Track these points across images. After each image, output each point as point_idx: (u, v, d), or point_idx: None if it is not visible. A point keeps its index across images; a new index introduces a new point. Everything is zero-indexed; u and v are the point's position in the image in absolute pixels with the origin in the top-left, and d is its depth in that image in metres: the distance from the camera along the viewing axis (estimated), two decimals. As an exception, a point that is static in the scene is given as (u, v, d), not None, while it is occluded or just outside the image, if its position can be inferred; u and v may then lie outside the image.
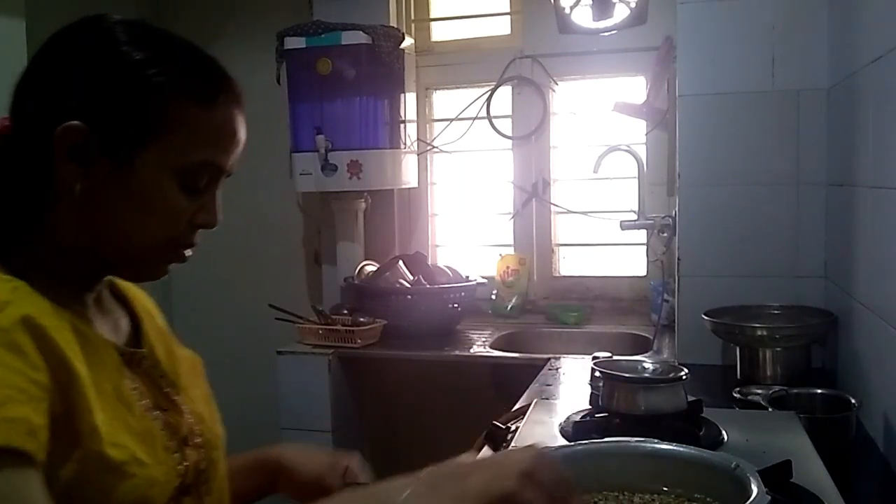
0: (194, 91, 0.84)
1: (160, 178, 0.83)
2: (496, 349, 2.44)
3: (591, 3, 2.43)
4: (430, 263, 2.83)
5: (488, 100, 2.90)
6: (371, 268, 2.76)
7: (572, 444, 1.06)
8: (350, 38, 2.62)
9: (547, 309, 2.82)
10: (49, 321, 0.75)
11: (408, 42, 2.82)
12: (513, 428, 1.47)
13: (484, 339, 2.53)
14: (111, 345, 0.86)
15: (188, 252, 0.89)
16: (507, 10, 2.95)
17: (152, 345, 0.95)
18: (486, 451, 1.44)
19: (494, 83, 2.89)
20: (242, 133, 0.88)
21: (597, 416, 1.38)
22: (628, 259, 2.86)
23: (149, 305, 1.01)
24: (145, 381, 0.89)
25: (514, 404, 1.68)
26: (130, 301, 0.97)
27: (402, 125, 2.81)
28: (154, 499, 0.80)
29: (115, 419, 0.79)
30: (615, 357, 1.62)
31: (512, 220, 2.95)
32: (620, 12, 2.41)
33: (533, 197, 2.91)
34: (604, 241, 2.87)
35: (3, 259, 0.82)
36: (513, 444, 1.28)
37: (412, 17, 3.01)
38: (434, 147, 3.02)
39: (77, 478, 0.73)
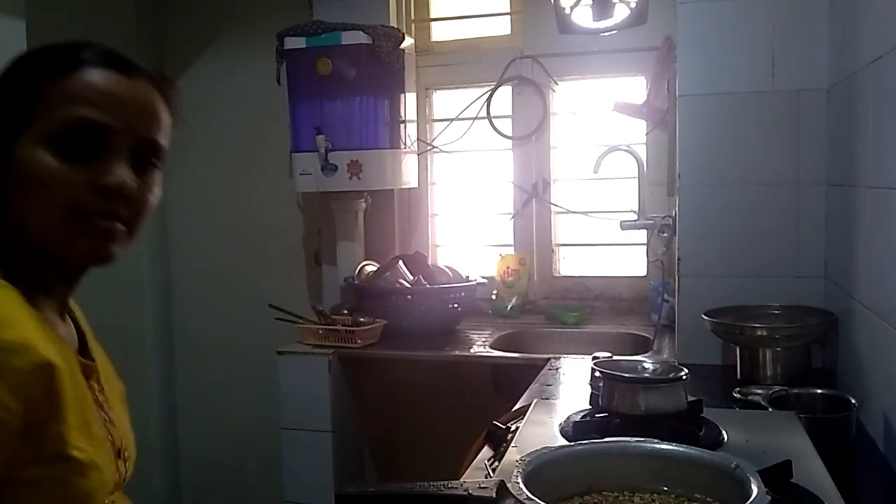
0: (47, 68, 0.85)
1: (32, 152, 0.83)
2: (496, 349, 2.44)
3: (591, 3, 2.43)
4: (430, 263, 2.83)
5: (488, 100, 2.90)
6: (371, 268, 2.76)
7: (572, 444, 1.06)
8: (350, 38, 2.62)
9: (547, 309, 2.82)
10: (54, 353, 0.78)
11: (408, 42, 2.82)
12: (513, 428, 1.47)
13: (484, 339, 2.53)
14: (74, 354, 0.89)
15: (112, 223, 0.86)
16: (507, 10, 2.95)
17: (96, 359, 0.97)
18: (486, 452, 1.44)
19: (494, 83, 2.89)
20: (121, 90, 0.86)
21: (597, 416, 1.38)
22: (628, 259, 2.86)
23: (85, 322, 1.02)
24: (93, 392, 0.92)
25: (514, 404, 1.68)
26: (74, 314, 0.99)
27: (402, 125, 2.81)
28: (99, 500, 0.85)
29: (82, 424, 0.82)
30: (615, 357, 1.62)
31: (512, 220, 2.95)
32: (620, 12, 2.41)
33: (533, 197, 2.91)
34: (604, 241, 2.87)
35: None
36: (513, 443, 1.28)
37: (412, 17, 3.01)
38: (434, 147, 3.02)
39: (41, 477, 0.77)
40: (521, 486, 0.82)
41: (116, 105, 0.85)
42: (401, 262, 2.70)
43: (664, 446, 0.94)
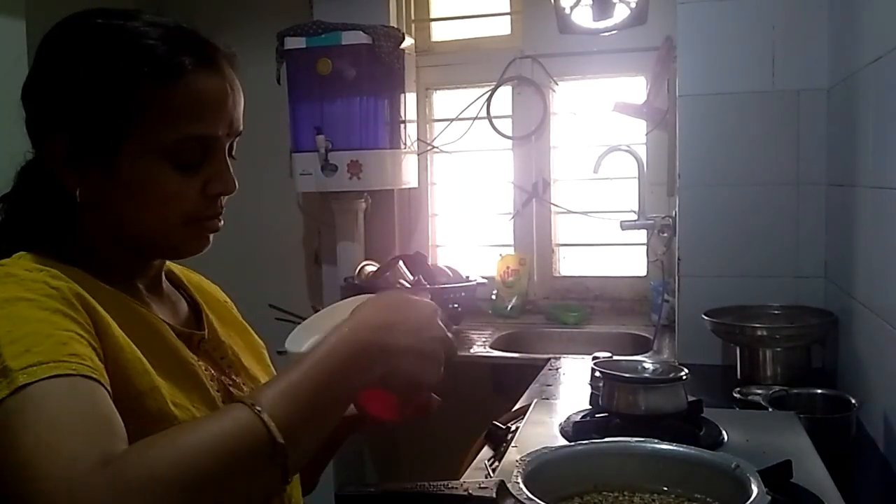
0: (149, 72, 0.82)
1: (148, 165, 0.83)
2: (496, 349, 2.44)
3: (591, 3, 2.43)
4: (430, 263, 2.83)
5: (488, 100, 2.90)
6: (371, 268, 2.76)
7: (572, 444, 1.06)
8: (350, 38, 2.62)
9: (547, 309, 2.82)
10: (101, 298, 0.80)
11: (408, 42, 2.82)
12: (513, 428, 1.47)
13: (484, 339, 2.53)
14: (166, 324, 0.89)
15: (217, 222, 0.90)
16: (507, 10, 2.95)
17: (215, 328, 0.99)
18: (486, 452, 1.44)
19: (494, 83, 2.89)
20: (222, 94, 0.86)
21: (597, 416, 1.38)
22: (628, 259, 2.86)
23: (217, 294, 1.08)
24: (206, 361, 0.93)
25: (514, 404, 1.68)
26: (187, 288, 1.02)
27: (402, 125, 2.81)
28: None
29: (178, 388, 0.83)
30: (615, 357, 1.62)
31: (512, 220, 2.95)
32: (620, 12, 2.41)
33: (533, 197, 2.91)
34: (604, 241, 2.87)
35: (59, 253, 0.85)
36: (513, 443, 1.28)
37: (412, 17, 3.01)
38: (434, 147, 3.02)
39: (135, 433, 0.75)
40: (521, 486, 0.82)
41: (222, 114, 0.87)
42: (401, 262, 2.70)
43: (664, 446, 0.94)
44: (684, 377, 1.30)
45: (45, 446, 0.62)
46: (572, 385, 1.92)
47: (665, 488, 0.91)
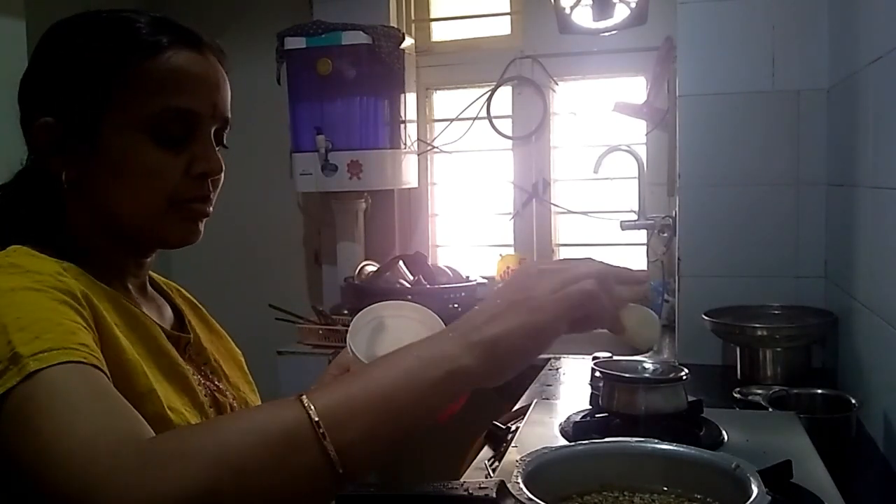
0: (130, 47, 0.83)
1: (130, 140, 0.83)
2: (496, 349, 2.43)
3: (591, 3, 2.43)
4: (430, 263, 2.83)
5: (488, 100, 2.90)
6: (371, 268, 2.76)
7: (572, 444, 1.06)
8: (350, 38, 2.62)
9: (547, 309, 2.81)
10: (97, 295, 0.79)
11: (408, 42, 2.82)
12: (513, 428, 1.47)
13: (484, 339, 2.52)
14: (158, 326, 0.88)
15: (205, 206, 0.88)
16: (507, 10, 2.95)
17: (198, 334, 0.98)
18: (486, 452, 1.44)
19: (494, 83, 2.89)
20: (202, 70, 0.87)
21: (597, 416, 1.37)
22: (628, 259, 2.85)
23: (192, 300, 1.06)
24: (192, 366, 0.92)
25: (514, 404, 1.68)
26: (169, 293, 1.01)
27: (402, 125, 2.81)
28: None
29: (171, 391, 0.82)
30: (615, 357, 1.62)
31: (512, 220, 2.95)
32: (620, 12, 2.41)
33: (533, 197, 2.91)
34: (604, 241, 2.87)
35: (49, 245, 0.84)
36: (513, 443, 1.28)
37: (412, 17, 3.01)
38: (434, 147, 3.02)
39: None
40: (521, 486, 0.82)
41: (204, 90, 0.86)
42: (401, 263, 2.70)
43: (664, 446, 0.94)
44: (684, 377, 1.30)
45: (65, 425, 0.61)
46: (572, 385, 1.92)
47: (665, 488, 0.91)
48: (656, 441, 0.95)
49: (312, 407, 0.63)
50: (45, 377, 0.64)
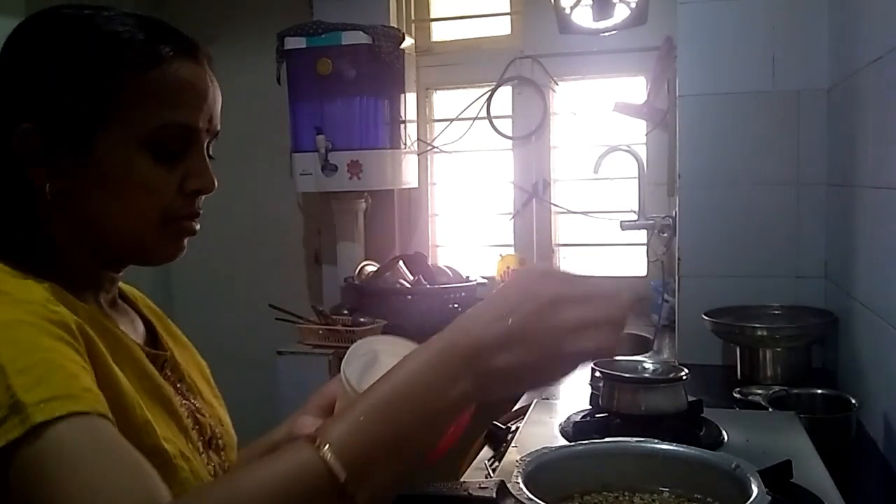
0: (127, 58, 0.79)
1: (126, 154, 0.79)
2: (496, 349, 2.43)
3: (591, 3, 2.43)
4: (430, 263, 2.83)
5: (488, 100, 2.90)
6: (371, 268, 2.76)
7: (572, 444, 1.06)
8: (350, 38, 2.62)
9: (547, 309, 2.81)
10: (88, 323, 0.75)
11: (408, 42, 2.82)
12: (513, 428, 1.47)
13: (484, 339, 2.52)
14: (137, 345, 0.85)
15: (194, 224, 0.85)
16: (507, 10, 2.95)
17: (170, 348, 0.94)
18: (486, 452, 1.44)
19: (494, 83, 2.89)
20: (202, 84, 0.83)
21: (597, 416, 1.38)
22: (628, 259, 2.85)
23: (156, 309, 1.00)
24: (169, 383, 0.88)
25: (514, 404, 1.68)
26: (135, 303, 0.96)
27: (402, 125, 2.81)
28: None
29: (159, 417, 0.79)
30: (615, 357, 1.61)
31: (512, 220, 2.95)
32: (620, 12, 2.41)
33: (533, 197, 2.91)
34: (604, 241, 2.87)
35: (24, 262, 0.79)
36: (513, 443, 1.28)
37: (412, 17, 3.01)
38: (434, 147, 3.02)
39: None
40: (521, 486, 0.82)
41: (202, 104, 0.83)
42: (401, 262, 2.70)
43: (664, 446, 0.94)
44: (684, 377, 1.30)
45: (78, 495, 0.58)
46: (572, 385, 1.91)
47: (665, 488, 0.91)
48: (656, 441, 0.95)
49: (337, 464, 0.62)
50: (53, 436, 0.61)
